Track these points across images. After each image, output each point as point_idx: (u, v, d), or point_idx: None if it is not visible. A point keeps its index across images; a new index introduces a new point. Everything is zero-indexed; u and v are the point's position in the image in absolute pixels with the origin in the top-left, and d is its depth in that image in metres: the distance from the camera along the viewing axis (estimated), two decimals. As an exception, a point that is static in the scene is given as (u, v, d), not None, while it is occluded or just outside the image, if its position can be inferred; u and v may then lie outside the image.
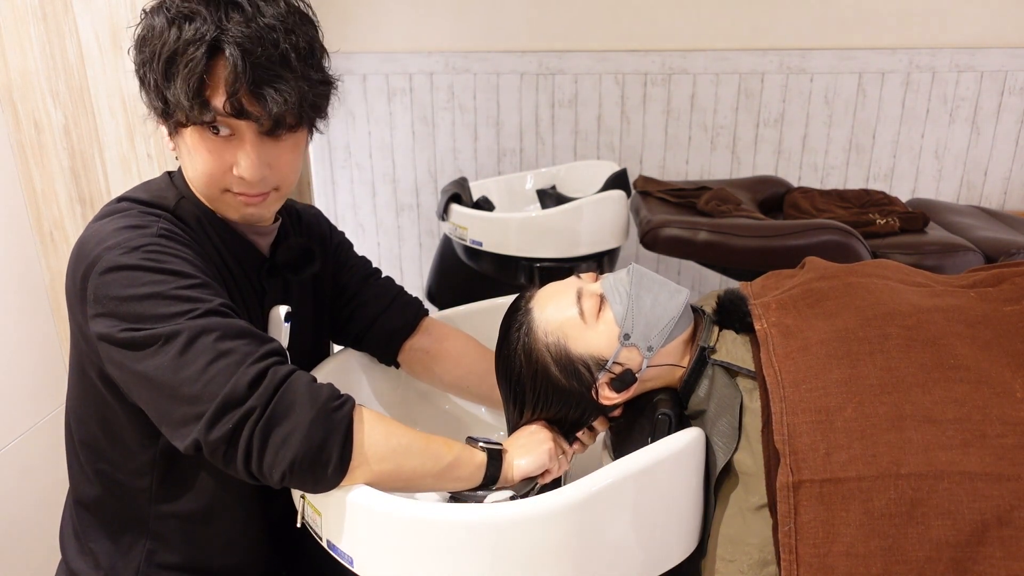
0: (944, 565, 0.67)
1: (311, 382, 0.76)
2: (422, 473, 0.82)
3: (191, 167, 0.85)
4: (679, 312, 0.90)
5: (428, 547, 0.76)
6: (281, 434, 0.72)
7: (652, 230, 1.85)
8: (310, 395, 0.74)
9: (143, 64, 0.80)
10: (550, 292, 0.94)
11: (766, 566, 0.76)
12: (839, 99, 2.55)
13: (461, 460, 0.85)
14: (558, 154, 2.70)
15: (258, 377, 0.73)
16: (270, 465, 0.73)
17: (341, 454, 0.75)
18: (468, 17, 2.57)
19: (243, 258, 0.92)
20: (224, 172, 0.84)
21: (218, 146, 0.82)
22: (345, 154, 2.78)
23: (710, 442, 0.85)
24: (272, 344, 0.78)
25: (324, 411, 0.74)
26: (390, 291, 1.13)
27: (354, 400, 0.79)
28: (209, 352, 0.73)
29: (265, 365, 0.74)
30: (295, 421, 0.73)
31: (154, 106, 0.82)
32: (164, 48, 0.77)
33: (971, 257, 1.73)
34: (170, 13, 0.78)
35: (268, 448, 0.72)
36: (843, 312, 0.84)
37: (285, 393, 0.73)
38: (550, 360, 0.91)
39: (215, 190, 0.86)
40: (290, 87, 0.80)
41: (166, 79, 0.78)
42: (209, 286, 0.79)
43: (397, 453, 0.80)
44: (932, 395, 0.73)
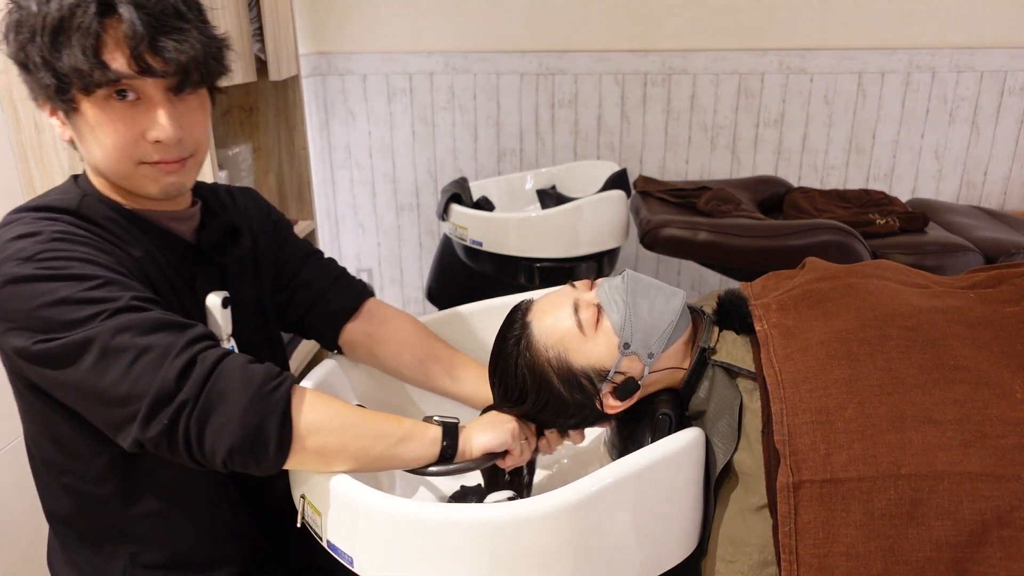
0: (944, 565, 0.67)
1: (245, 364, 0.75)
2: (371, 449, 0.80)
3: (98, 146, 0.80)
4: (677, 316, 0.90)
5: (428, 547, 0.76)
6: (217, 422, 0.72)
7: (652, 230, 1.85)
8: (243, 379, 0.73)
9: (22, 46, 0.75)
10: (547, 305, 0.94)
11: (766, 567, 0.76)
12: (839, 99, 2.55)
13: (412, 434, 0.83)
14: (558, 154, 2.70)
15: (186, 367, 0.72)
16: (211, 452, 0.72)
17: (280, 436, 0.74)
18: (468, 17, 2.57)
19: (166, 247, 0.88)
20: (136, 141, 0.79)
21: (126, 113, 0.78)
22: (345, 154, 2.78)
23: (710, 442, 0.85)
24: (195, 330, 0.76)
25: (259, 394, 0.73)
26: (331, 272, 1.08)
27: (293, 378, 0.77)
28: (129, 352, 0.71)
29: (192, 354, 0.73)
30: (230, 407, 0.72)
31: (44, 86, 0.76)
32: (47, 20, 0.73)
33: (971, 257, 1.73)
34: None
35: (206, 436, 0.72)
36: (843, 313, 0.84)
37: (217, 380, 0.72)
38: (552, 374, 0.90)
39: (129, 164, 0.81)
40: (190, 37, 0.77)
41: (55, 49, 0.73)
42: (115, 283, 0.75)
43: (341, 430, 0.78)
44: (932, 396, 0.73)
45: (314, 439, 0.77)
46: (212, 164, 1.44)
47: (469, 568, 0.75)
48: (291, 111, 1.97)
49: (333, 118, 2.74)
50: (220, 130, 2.00)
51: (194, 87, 0.81)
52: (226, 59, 0.85)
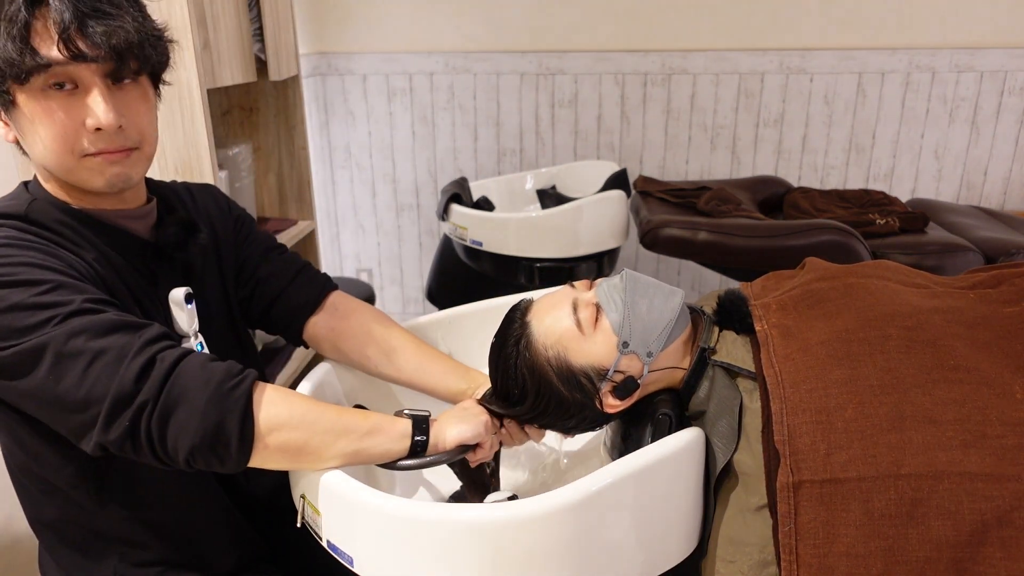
0: (944, 565, 0.67)
1: (205, 363, 0.74)
2: (336, 444, 0.79)
3: (39, 141, 0.78)
4: (675, 315, 0.90)
5: (428, 547, 0.76)
6: (177, 422, 0.71)
7: (652, 230, 1.85)
8: (203, 377, 0.72)
9: None
10: (546, 304, 0.94)
11: (766, 567, 0.76)
12: (839, 99, 2.55)
13: (381, 428, 0.82)
14: (558, 154, 2.70)
15: (145, 367, 0.71)
16: (173, 451, 0.72)
17: (241, 433, 0.73)
18: (468, 17, 2.57)
19: (122, 248, 0.86)
20: (77, 131, 0.78)
21: (63, 103, 0.77)
22: (345, 154, 2.78)
23: (710, 443, 0.85)
24: (151, 330, 0.74)
25: (219, 392, 0.72)
26: (293, 266, 1.06)
27: (255, 374, 0.76)
28: (84, 355, 0.70)
29: (151, 353, 0.72)
30: (190, 406, 0.71)
31: None
32: None
33: (971, 257, 1.73)
34: None
35: (168, 436, 0.71)
36: (843, 313, 0.84)
37: (177, 379, 0.71)
38: (552, 373, 0.91)
39: (72, 157, 0.79)
40: (122, 22, 0.76)
41: None
42: (66, 286, 0.74)
43: (304, 426, 0.77)
44: (932, 396, 0.73)
45: (276, 436, 0.76)
46: (212, 164, 1.44)
47: (469, 568, 0.75)
48: (291, 111, 1.97)
49: (333, 118, 2.74)
50: (220, 130, 2.00)
51: (132, 75, 0.80)
52: (166, 49, 0.84)
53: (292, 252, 1.10)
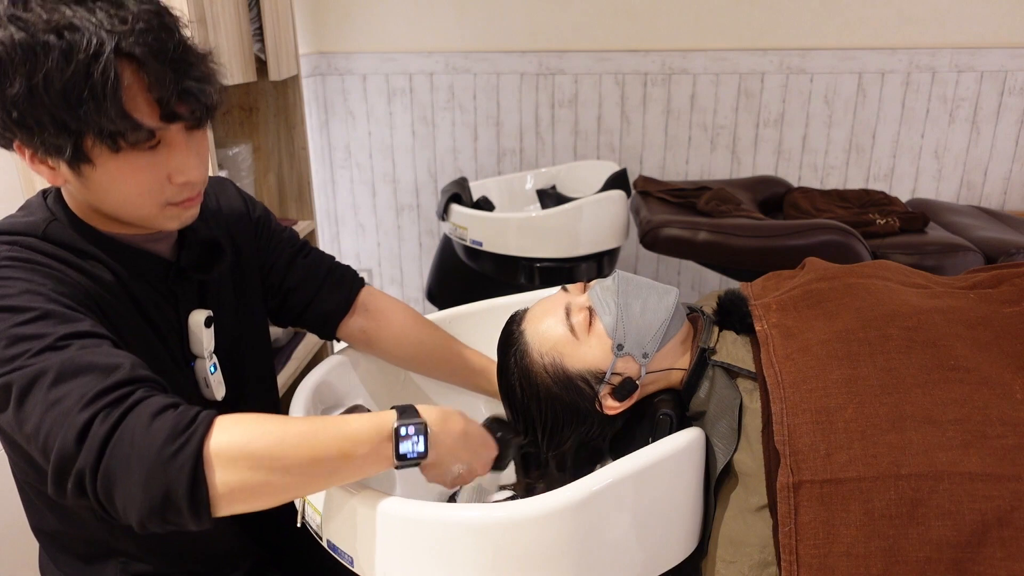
0: (944, 566, 0.67)
1: (150, 421, 0.65)
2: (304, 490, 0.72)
3: (116, 195, 0.75)
4: (670, 314, 0.90)
5: (428, 547, 0.76)
6: (121, 493, 0.64)
7: (652, 230, 1.85)
8: (144, 443, 0.64)
9: (13, 101, 0.67)
10: (539, 311, 0.94)
11: (766, 567, 0.76)
12: (839, 99, 2.55)
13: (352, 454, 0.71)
14: (558, 154, 2.70)
15: (84, 429, 0.64)
16: (125, 519, 0.66)
17: (192, 501, 0.64)
18: (468, 17, 2.57)
19: (144, 270, 0.83)
20: (162, 184, 0.76)
21: (150, 161, 0.74)
22: (345, 154, 2.78)
23: (710, 443, 0.85)
24: (115, 376, 0.67)
25: (159, 459, 0.63)
26: (319, 270, 1.04)
27: (206, 424, 0.66)
28: (41, 403, 0.66)
29: (93, 411, 0.65)
30: (131, 477, 0.64)
31: (53, 146, 0.70)
32: (52, 76, 0.65)
33: (971, 257, 1.73)
34: (24, 27, 0.65)
35: (115, 506, 0.65)
36: (843, 313, 0.84)
37: (116, 446, 0.64)
38: (549, 380, 0.91)
39: (155, 208, 0.77)
40: (209, 81, 0.74)
41: (69, 108, 0.67)
42: (51, 316, 0.69)
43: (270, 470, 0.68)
44: (932, 396, 0.73)
45: (237, 494, 0.67)
46: (212, 164, 1.44)
47: (469, 568, 0.75)
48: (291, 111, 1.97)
49: (333, 118, 2.74)
50: (220, 130, 2.00)
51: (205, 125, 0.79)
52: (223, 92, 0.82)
53: (316, 251, 1.07)
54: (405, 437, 0.73)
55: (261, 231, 1.03)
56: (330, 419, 0.73)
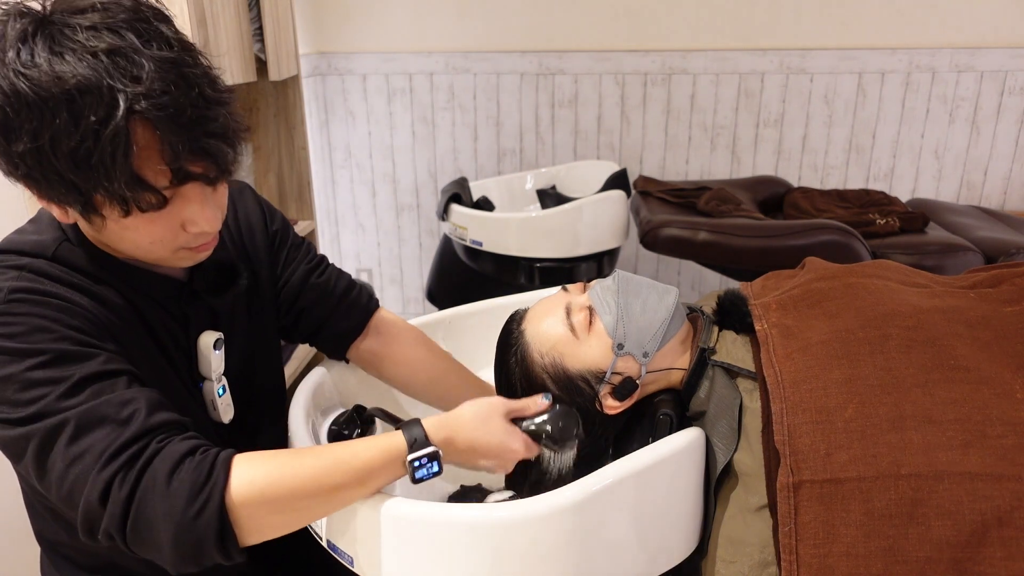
0: (944, 565, 0.67)
1: (167, 482, 0.65)
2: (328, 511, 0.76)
3: (128, 243, 0.74)
4: (670, 314, 0.90)
5: (428, 547, 0.76)
6: (153, 552, 0.66)
7: (652, 230, 1.85)
8: (167, 506, 0.65)
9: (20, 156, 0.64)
10: (539, 311, 0.94)
11: (767, 567, 0.76)
12: (839, 99, 2.55)
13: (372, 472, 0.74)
14: (558, 154, 2.70)
15: (105, 490, 0.65)
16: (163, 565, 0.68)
17: (222, 550, 0.67)
18: (468, 17, 2.57)
19: (156, 292, 0.82)
20: (176, 233, 0.73)
21: (164, 214, 0.71)
22: (345, 154, 2.78)
23: (710, 443, 0.85)
24: (130, 429, 0.67)
25: (184, 522, 0.65)
26: (335, 291, 1.02)
27: (224, 476, 0.67)
28: (61, 459, 0.66)
29: (112, 472, 0.65)
30: (159, 539, 0.65)
31: (60, 199, 0.68)
32: (58, 136, 0.62)
33: (971, 257, 1.73)
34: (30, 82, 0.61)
35: (148, 557, 0.67)
36: (843, 312, 0.84)
37: (139, 509, 0.65)
38: (549, 381, 0.91)
39: (167, 253, 0.75)
40: (223, 126, 0.69)
41: (78, 169, 0.64)
42: (65, 357, 0.68)
43: (293, 509, 0.71)
44: (932, 395, 0.73)
45: (263, 533, 0.70)
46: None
47: (469, 568, 0.75)
48: (291, 111, 1.97)
49: (333, 118, 2.74)
50: (220, 130, 2.00)
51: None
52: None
53: (331, 268, 1.05)
54: (419, 467, 0.76)
55: (278, 245, 1.00)
56: (341, 450, 0.74)
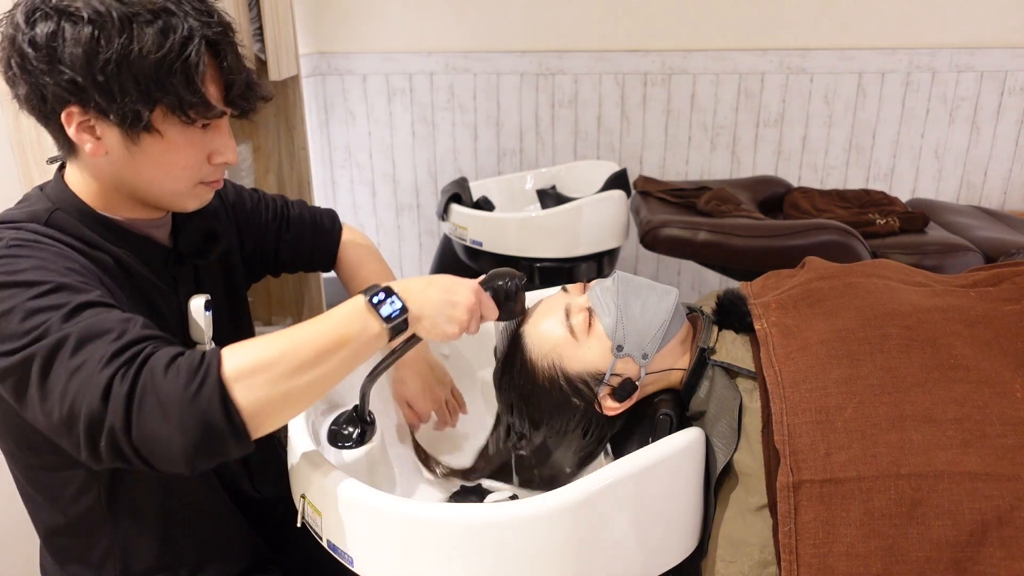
0: (944, 565, 0.67)
1: (164, 371, 0.68)
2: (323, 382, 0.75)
3: (162, 167, 0.81)
4: (669, 315, 0.90)
5: (428, 547, 0.76)
6: (161, 444, 0.67)
7: (652, 230, 1.85)
8: (168, 390, 0.67)
9: (104, 64, 0.73)
10: (539, 313, 0.94)
11: (767, 567, 0.76)
12: (839, 99, 2.55)
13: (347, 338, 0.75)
14: (558, 154, 2.70)
15: (106, 388, 0.67)
16: (169, 463, 0.68)
17: (230, 426, 0.68)
18: (468, 17, 2.57)
19: (146, 255, 0.87)
20: (202, 163, 0.83)
21: (201, 138, 0.82)
22: (345, 154, 2.78)
23: (710, 443, 0.85)
24: (126, 337, 0.70)
25: (186, 401, 0.66)
26: (305, 234, 1.15)
27: (216, 357, 0.70)
28: (64, 372, 0.68)
29: (112, 371, 0.67)
30: (166, 427, 0.66)
31: (123, 112, 0.75)
32: (149, 51, 0.73)
33: (971, 257, 1.73)
34: (126, 11, 0.73)
35: (156, 453, 0.67)
36: (843, 312, 0.84)
37: (141, 400, 0.67)
38: (549, 382, 0.91)
39: (189, 184, 0.84)
40: (255, 75, 0.82)
41: (158, 80, 0.74)
42: (64, 288, 0.72)
43: (284, 379, 0.71)
44: (932, 395, 0.73)
45: (265, 406, 0.70)
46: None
47: (469, 568, 0.75)
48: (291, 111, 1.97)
49: (333, 118, 2.74)
50: (220, 130, 2.00)
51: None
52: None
53: (293, 214, 1.15)
54: (380, 303, 0.77)
55: (240, 218, 1.08)
56: (312, 322, 0.76)
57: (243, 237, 1.08)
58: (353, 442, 0.96)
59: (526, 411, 0.94)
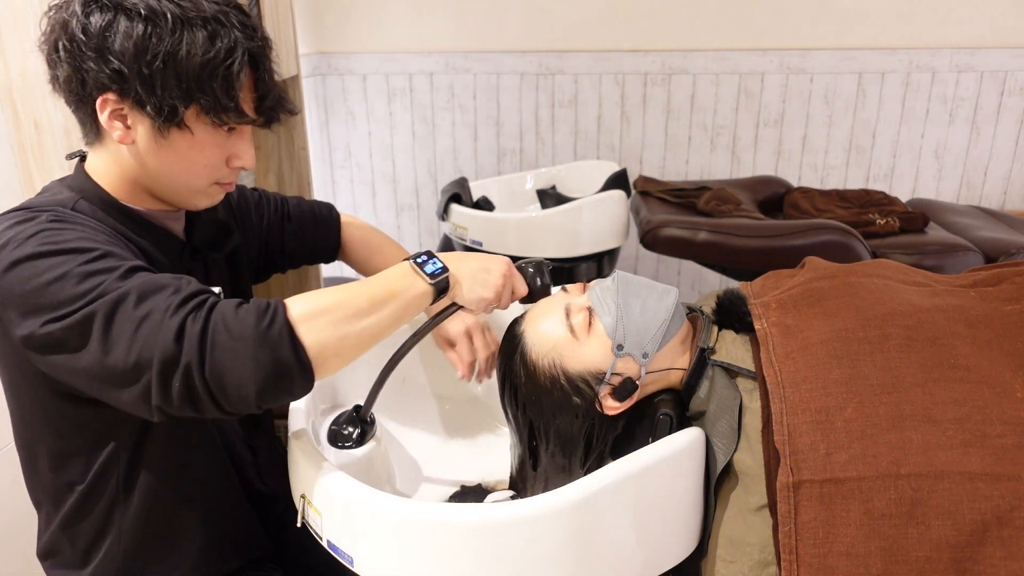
0: (944, 565, 0.67)
1: (235, 311, 0.73)
2: (376, 330, 0.80)
3: (184, 163, 0.84)
4: (669, 315, 0.90)
5: (428, 547, 0.76)
6: (233, 376, 0.71)
7: (652, 230, 1.85)
8: (240, 328, 0.72)
9: (152, 59, 0.77)
10: (539, 313, 0.95)
11: (767, 567, 0.76)
12: (839, 99, 2.55)
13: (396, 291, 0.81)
14: (558, 154, 2.70)
15: (179, 330, 0.71)
16: (239, 400, 0.72)
17: (299, 361, 0.73)
18: (468, 17, 2.57)
19: (163, 246, 0.90)
20: (220, 165, 0.86)
21: (225, 140, 0.85)
22: (345, 154, 2.78)
23: (710, 442, 0.85)
24: (187, 289, 0.75)
25: (258, 336, 0.71)
26: (306, 226, 1.18)
27: (281, 303, 0.75)
28: (130, 323, 0.71)
29: (183, 315, 0.71)
30: (239, 357, 0.71)
31: (160, 105, 0.78)
32: (194, 49, 0.78)
33: (971, 257, 1.73)
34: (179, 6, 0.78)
35: (228, 389, 0.71)
36: (843, 312, 0.84)
37: (215, 335, 0.71)
38: (549, 382, 0.91)
39: (205, 182, 0.87)
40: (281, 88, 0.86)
41: (199, 82, 0.78)
42: (112, 254, 0.76)
43: (345, 322, 0.77)
44: (932, 395, 0.73)
45: (328, 346, 0.75)
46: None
47: (469, 568, 0.75)
48: (291, 111, 1.97)
49: (333, 118, 2.74)
50: (220, 130, 2.00)
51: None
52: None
53: (295, 208, 1.18)
54: (423, 263, 0.85)
55: (244, 217, 1.10)
56: (363, 279, 0.85)
57: (248, 236, 1.10)
58: (353, 442, 0.96)
59: (527, 412, 0.95)
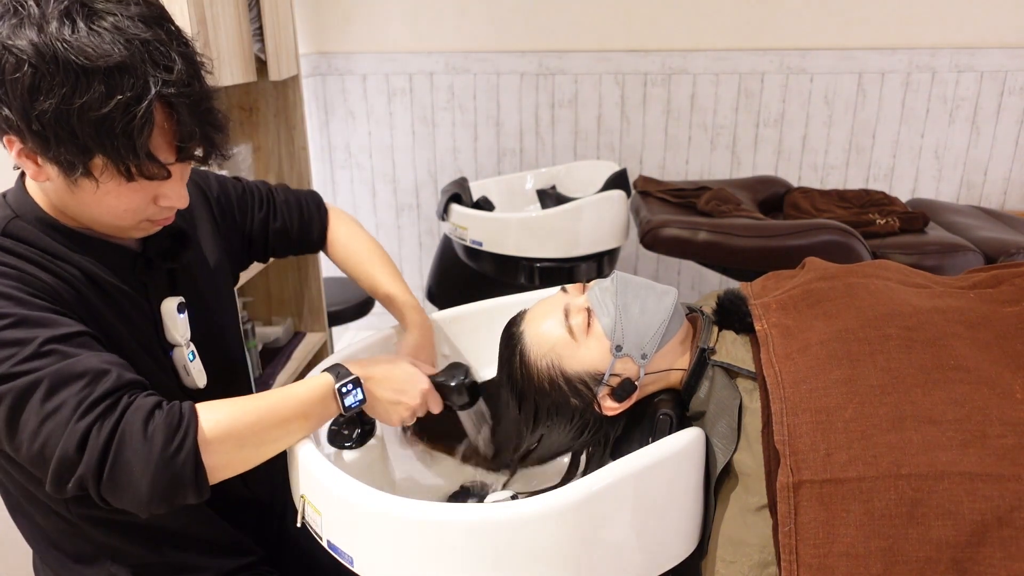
0: (944, 566, 0.67)
1: (144, 427, 0.70)
2: (277, 448, 0.83)
3: (102, 207, 0.77)
4: (668, 315, 0.90)
5: (428, 547, 0.76)
6: (129, 493, 0.70)
7: (652, 230, 1.85)
8: (146, 449, 0.70)
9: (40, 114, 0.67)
10: (538, 313, 0.94)
11: (766, 567, 0.76)
12: (839, 99, 2.55)
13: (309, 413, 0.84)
14: (558, 154, 2.70)
15: (83, 438, 0.68)
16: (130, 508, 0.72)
17: (196, 487, 0.73)
18: (468, 17, 2.57)
19: (110, 262, 0.84)
20: (146, 206, 0.79)
21: (145, 184, 0.76)
22: (345, 154, 2.78)
23: (710, 443, 0.85)
24: (102, 387, 0.71)
25: (163, 461, 0.70)
26: (291, 220, 1.14)
27: (194, 420, 0.73)
28: (36, 415, 0.69)
29: (90, 421, 0.69)
30: (138, 479, 0.70)
31: (57, 160, 0.71)
32: (89, 104, 0.67)
33: (971, 257, 1.73)
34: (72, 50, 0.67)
35: (121, 501, 0.71)
36: (843, 313, 0.84)
37: (117, 454, 0.69)
38: (548, 382, 0.91)
39: (133, 221, 0.80)
40: (221, 119, 0.77)
41: (99, 135, 0.69)
42: (28, 321, 0.71)
43: (253, 444, 0.79)
44: (932, 396, 0.73)
45: (229, 468, 0.77)
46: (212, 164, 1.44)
47: (469, 568, 0.75)
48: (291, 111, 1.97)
49: (333, 118, 2.74)
50: (220, 130, 2.00)
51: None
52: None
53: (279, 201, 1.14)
54: (346, 393, 0.86)
55: (226, 211, 1.07)
56: (282, 391, 0.84)
57: (229, 230, 1.06)
58: (353, 442, 0.96)
59: (527, 412, 0.95)
